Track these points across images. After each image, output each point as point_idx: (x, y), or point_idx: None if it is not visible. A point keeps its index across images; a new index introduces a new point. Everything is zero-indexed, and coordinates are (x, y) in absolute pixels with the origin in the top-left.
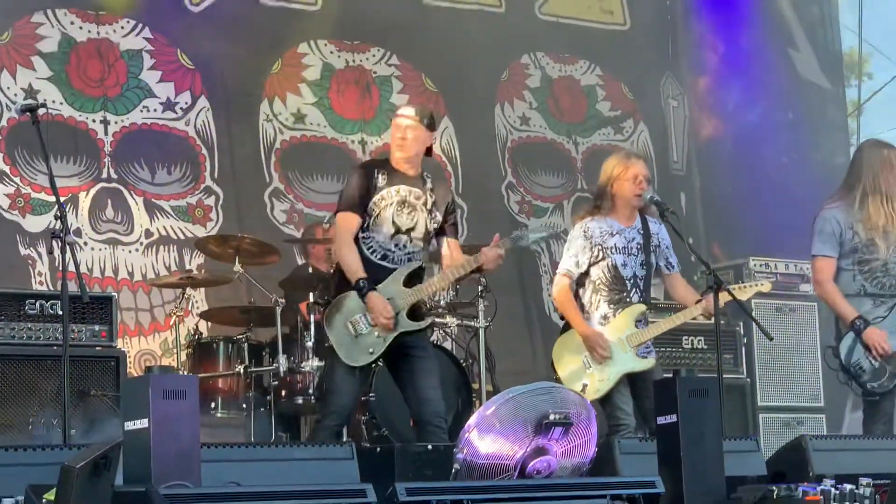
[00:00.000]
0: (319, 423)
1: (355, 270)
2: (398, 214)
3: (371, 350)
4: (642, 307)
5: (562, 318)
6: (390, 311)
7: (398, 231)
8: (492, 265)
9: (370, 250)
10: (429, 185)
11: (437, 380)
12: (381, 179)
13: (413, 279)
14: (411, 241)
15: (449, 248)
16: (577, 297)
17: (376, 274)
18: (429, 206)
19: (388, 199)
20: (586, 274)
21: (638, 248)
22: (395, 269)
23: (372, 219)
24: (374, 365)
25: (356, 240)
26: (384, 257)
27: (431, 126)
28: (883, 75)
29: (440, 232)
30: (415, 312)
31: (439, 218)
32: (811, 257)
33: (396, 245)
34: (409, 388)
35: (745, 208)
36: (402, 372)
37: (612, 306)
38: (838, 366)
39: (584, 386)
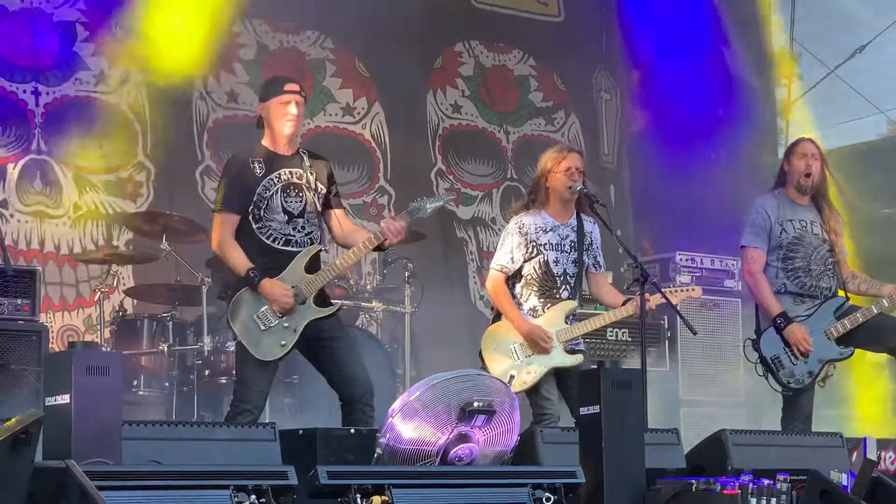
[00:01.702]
0: (234, 417)
1: (243, 264)
2: (286, 200)
3: (283, 342)
4: (573, 304)
5: (491, 309)
6: (288, 290)
7: (291, 216)
8: (395, 239)
9: (271, 238)
10: (306, 161)
11: (361, 357)
12: (257, 168)
13: (313, 264)
14: (307, 223)
15: (338, 219)
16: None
17: (279, 260)
18: (313, 185)
19: (271, 187)
20: (519, 269)
21: (571, 245)
22: (296, 253)
23: (261, 209)
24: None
25: (251, 232)
26: (286, 243)
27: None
28: (812, 75)
29: (326, 205)
30: (321, 297)
31: (324, 192)
32: (741, 247)
33: (294, 229)
34: (333, 371)
35: (674, 203)
36: (321, 357)
37: (542, 300)
38: (757, 359)
39: (511, 378)
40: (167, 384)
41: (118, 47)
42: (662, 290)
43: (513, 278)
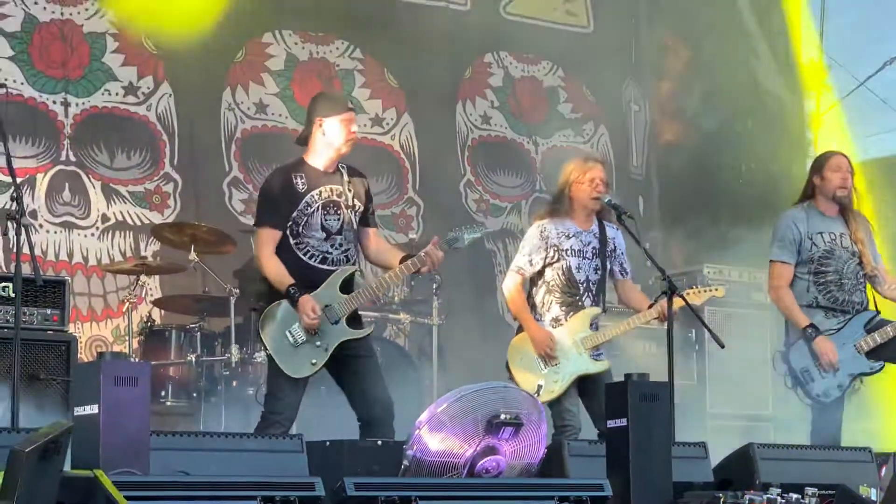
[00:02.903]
0: (265, 428)
1: (286, 279)
2: (325, 217)
3: (314, 361)
4: (597, 310)
5: (515, 318)
6: (317, 310)
7: (329, 234)
8: (433, 268)
9: (308, 255)
10: (345, 177)
11: (384, 379)
12: (300, 184)
13: (349, 284)
14: (345, 240)
15: (373, 238)
16: (529, 296)
17: (315, 277)
18: (350, 202)
19: (313, 203)
20: (540, 274)
21: (593, 252)
22: (333, 271)
23: (300, 226)
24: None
25: (289, 247)
26: (323, 260)
27: None
28: (842, 87)
29: (362, 223)
30: (354, 318)
31: (361, 209)
32: (769, 262)
33: (332, 246)
34: (356, 390)
35: (702, 215)
36: (346, 375)
37: (563, 308)
38: (786, 371)
39: (540, 387)
40: (195, 395)
41: (146, 59)
42: (687, 291)
43: (535, 285)
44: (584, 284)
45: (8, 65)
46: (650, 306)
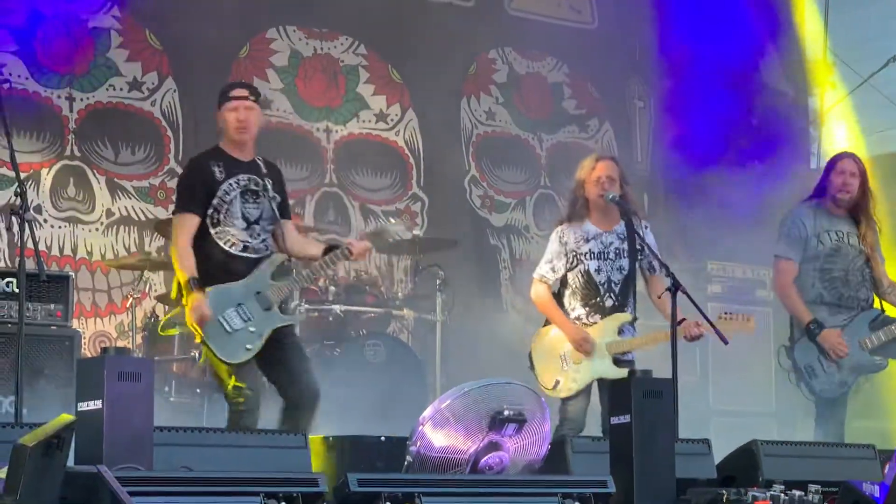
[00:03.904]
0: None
1: (187, 271)
2: (245, 206)
3: (248, 346)
4: (627, 316)
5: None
6: (208, 311)
7: (249, 223)
8: (360, 258)
9: (229, 244)
10: (263, 168)
11: (310, 363)
12: (218, 172)
13: (279, 271)
14: (263, 230)
15: (289, 229)
16: (558, 296)
17: (237, 266)
18: (270, 193)
19: (231, 191)
20: (565, 278)
21: (616, 252)
22: (256, 259)
23: (221, 213)
24: None
25: (209, 237)
26: (244, 249)
27: (264, 103)
28: (846, 84)
29: (280, 214)
30: (285, 305)
31: (279, 200)
32: (774, 257)
33: (251, 235)
34: (284, 376)
35: (706, 212)
36: (273, 360)
37: (586, 308)
38: (790, 366)
39: (558, 382)
40: (198, 390)
41: (151, 54)
42: (720, 316)
43: (563, 286)
44: (605, 286)
45: (13, 60)
46: (680, 322)
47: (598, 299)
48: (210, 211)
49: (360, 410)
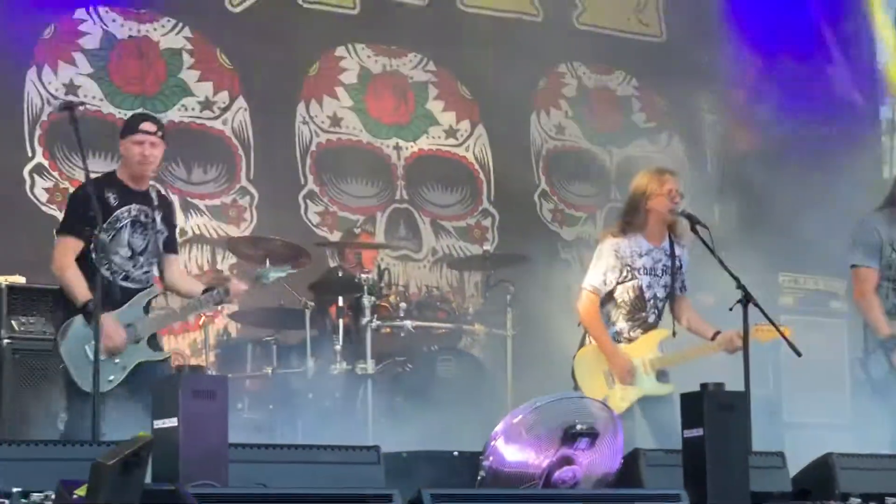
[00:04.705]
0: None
1: (83, 294)
2: (133, 235)
3: (111, 378)
4: (666, 332)
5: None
6: (121, 332)
7: (134, 252)
8: (236, 298)
9: (109, 271)
10: (155, 201)
11: None
12: (112, 199)
13: (156, 305)
14: (146, 262)
15: (173, 264)
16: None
17: (116, 294)
18: (158, 225)
19: (122, 219)
20: (611, 291)
21: (663, 269)
22: (136, 290)
23: (108, 240)
24: None
25: (90, 261)
26: (125, 278)
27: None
28: None
29: (165, 248)
30: (154, 340)
31: (165, 234)
32: (851, 267)
33: (135, 266)
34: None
35: (777, 223)
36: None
37: (629, 323)
38: (865, 378)
39: (605, 400)
40: (271, 407)
41: (222, 74)
42: (756, 326)
43: (603, 298)
44: (651, 302)
45: (87, 81)
46: (714, 336)
47: (644, 314)
48: (98, 235)
49: (432, 426)
